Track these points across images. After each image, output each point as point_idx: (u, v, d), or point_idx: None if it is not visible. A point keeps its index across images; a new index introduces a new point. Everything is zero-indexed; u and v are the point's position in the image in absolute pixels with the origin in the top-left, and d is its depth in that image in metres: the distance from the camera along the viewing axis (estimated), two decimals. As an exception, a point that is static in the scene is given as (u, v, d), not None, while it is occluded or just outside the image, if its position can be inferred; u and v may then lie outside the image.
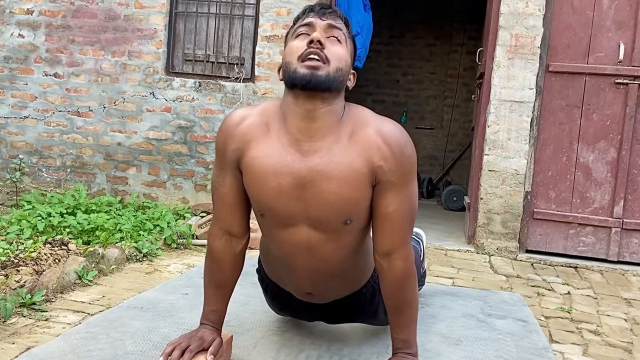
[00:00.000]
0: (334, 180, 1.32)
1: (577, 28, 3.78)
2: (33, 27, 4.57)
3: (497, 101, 3.86)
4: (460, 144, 7.40)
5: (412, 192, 1.38)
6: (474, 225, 3.99)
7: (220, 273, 1.49)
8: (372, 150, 1.33)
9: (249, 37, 4.43)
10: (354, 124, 1.36)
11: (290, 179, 1.34)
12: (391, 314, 1.43)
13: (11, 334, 1.90)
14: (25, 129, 4.62)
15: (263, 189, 1.36)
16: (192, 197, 4.44)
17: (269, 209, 1.39)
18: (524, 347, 1.82)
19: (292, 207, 1.36)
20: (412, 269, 1.41)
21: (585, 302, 2.87)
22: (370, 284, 1.62)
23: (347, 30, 1.39)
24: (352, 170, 1.32)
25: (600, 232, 3.80)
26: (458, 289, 2.64)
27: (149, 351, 1.57)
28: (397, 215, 1.36)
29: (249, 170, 1.38)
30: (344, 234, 1.41)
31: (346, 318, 1.74)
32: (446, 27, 7.39)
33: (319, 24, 1.35)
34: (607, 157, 3.78)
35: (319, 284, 1.52)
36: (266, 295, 1.80)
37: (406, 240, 1.39)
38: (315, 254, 1.43)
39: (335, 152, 1.33)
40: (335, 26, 1.36)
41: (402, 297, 1.41)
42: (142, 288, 2.50)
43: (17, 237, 3.14)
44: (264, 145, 1.36)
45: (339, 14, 1.40)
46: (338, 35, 1.36)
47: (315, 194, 1.34)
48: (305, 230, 1.39)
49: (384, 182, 1.34)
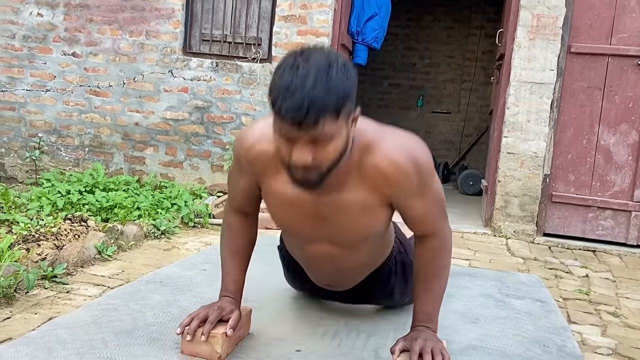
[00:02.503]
0: (347, 214, 1.36)
1: (600, 8, 3.71)
2: (52, 6, 4.58)
3: (517, 83, 3.80)
4: (477, 128, 7.33)
5: (435, 191, 1.39)
6: (491, 208, 3.96)
7: (236, 243, 1.53)
8: (380, 182, 1.32)
9: (266, 17, 4.41)
10: (361, 152, 1.31)
11: (306, 212, 1.39)
12: (418, 285, 1.44)
13: (33, 305, 1.93)
14: (44, 108, 4.66)
15: (281, 217, 1.44)
16: (209, 177, 4.46)
17: (288, 230, 1.50)
18: (542, 326, 1.82)
19: (311, 231, 1.43)
20: (446, 246, 1.43)
21: (604, 285, 2.85)
22: (387, 265, 1.66)
23: (335, 118, 1.14)
24: (364, 204, 1.35)
25: (620, 216, 3.76)
26: (475, 269, 2.63)
27: (168, 323, 1.59)
28: (425, 214, 1.39)
29: (267, 196, 1.43)
30: (364, 245, 1.48)
31: (363, 299, 1.78)
32: (465, 9, 7.29)
33: (299, 138, 1.15)
34: (629, 139, 3.73)
35: (339, 279, 1.61)
36: (287, 271, 1.83)
37: (439, 225, 1.42)
38: (336, 263, 1.51)
39: (345, 190, 1.34)
40: (318, 135, 1.15)
41: (432, 270, 1.42)
42: (160, 264, 2.53)
43: (37, 213, 3.18)
44: (280, 178, 1.36)
45: (319, 111, 1.12)
46: (324, 138, 1.16)
47: (332, 225, 1.40)
48: (326, 246, 1.47)
49: (401, 199, 1.36)
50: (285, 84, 1.12)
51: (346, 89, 1.15)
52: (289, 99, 1.11)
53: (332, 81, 1.12)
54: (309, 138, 1.15)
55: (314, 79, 1.11)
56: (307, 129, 1.13)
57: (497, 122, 4.04)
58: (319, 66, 1.13)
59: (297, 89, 1.11)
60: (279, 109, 1.13)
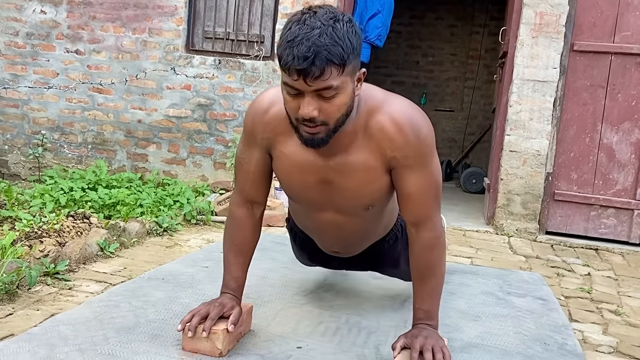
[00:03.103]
0: (351, 178, 1.40)
1: (603, 6, 3.70)
2: (55, 4, 4.59)
3: (519, 80, 3.80)
4: (480, 126, 7.32)
5: (433, 169, 1.40)
6: (493, 206, 3.96)
7: (241, 237, 1.53)
8: (385, 143, 1.35)
9: (269, 14, 4.40)
10: (367, 114, 1.35)
11: (314, 176, 1.42)
12: (416, 282, 1.44)
13: (36, 301, 1.93)
14: (47, 105, 4.67)
15: (291, 181, 1.47)
16: (211, 174, 4.46)
17: (297, 197, 1.52)
18: (543, 324, 1.82)
19: (317, 197, 1.47)
20: (439, 239, 1.43)
21: (606, 283, 2.85)
22: (393, 232, 1.73)
23: (340, 71, 1.18)
24: (367, 167, 1.38)
25: (623, 215, 3.75)
26: (477, 267, 2.63)
27: (170, 319, 1.60)
28: (419, 193, 1.39)
29: (278, 162, 1.45)
30: (368, 215, 1.52)
31: (371, 266, 1.83)
32: (468, 7, 7.28)
33: (307, 90, 1.19)
34: (632, 138, 3.72)
35: (345, 246, 1.65)
36: (294, 244, 1.87)
37: (432, 212, 1.41)
38: (342, 230, 1.55)
39: (351, 152, 1.37)
40: (324, 87, 1.18)
41: (427, 265, 1.42)
42: (162, 261, 2.53)
43: (40, 210, 3.18)
44: (291, 141, 1.39)
45: (325, 61, 1.15)
46: (330, 91, 1.19)
47: (337, 189, 1.43)
48: (331, 214, 1.51)
49: (400, 167, 1.38)
50: (292, 36, 1.17)
51: (352, 43, 1.19)
52: (296, 49, 1.15)
53: (338, 33, 1.17)
54: (316, 91, 1.19)
55: (320, 30, 1.16)
56: (313, 79, 1.16)
57: (499, 120, 4.04)
58: (325, 20, 1.17)
59: (304, 39, 1.15)
60: (286, 61, 1.17)
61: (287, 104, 1.25)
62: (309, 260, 1.89)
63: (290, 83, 1.19)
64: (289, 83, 1.20)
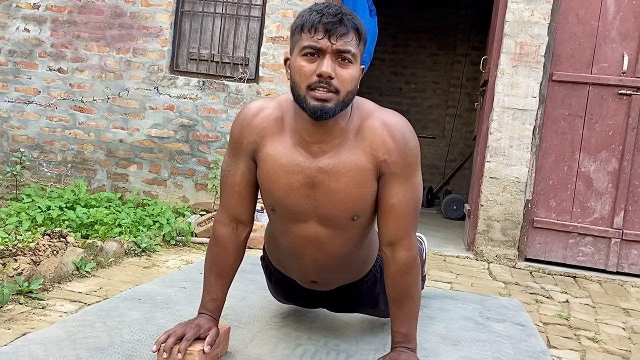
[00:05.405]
0: (342, 180, 1.37)
1: (581, 38, 3.79)
2: (39, 22, 4.58)
3: (500, 108, 3.86)
4: (461, 153, 7.40)
5: (416, 183, 1.41)
6: (473, 232, 3.98)
7: (223, 259, 1.50)
8: (377, 145, 1.37)
9: (254, 37, 4.44)
10: (360, 119, 1.39)
11: (301, 177, 1.39)
12: (392, 306, 1.43)
13: (7, 320, 1.89)
14: (27, 123, 4.62)
15: (275, 185, 1.42)
16: (192, 196, 4.44)
17: (280, 204, 1.45)
18: (522, 350, 1.82)
19: (302, 204, 1.42)
20: (415, 260, 1.42)
21: (584, 311, 2.86)
22: (372, 273, 1.67)
23: (357, 42, 1.30)
24: (359, 168, 1.37)
25: (600, 243, 3.79)
26: (457, 292, 2.63)
27: (145, 340, 1.57)
28: (401, 207, 1.39)
29: (263, 165, 1.42)
30: (351, 229, 1.46)
31: (348, 307, 1.78)
32: (450, 37, 7.41)
33: (329, 50, 1.27)
34: (609, 167, 3.78)
35: (324, 273, 1.57)
36: (270, 283, 1.82)
37: (410, 231, 1.41)
38: (322, 247, 1.49)
39: (343, 152, 1.37)
40: (346, 49, 1.28)
41: (404, 287, 1.42)
42: (139, 281, 2.49)
43: (15, 228, 3.13)
44: (278, 142, 1.40)
45: (350, 25, 1.28)
46: (348, 55, 1.29)
47: (324, 193, 1.39)
48: (314, 227, 1.45)
49: (388, 174, 1.38)
50: (316, 9, 1.30)
51: (364, 29, 1.32)
52: (325, 10, 1.28)
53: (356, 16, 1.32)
54: (337, 53, 1.27)
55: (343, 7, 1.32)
56: (339, 36, 1.26)
57: (480, 147, 4.08)
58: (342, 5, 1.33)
59: (331, 7, 1.30)
60: (312, 20, 1.27)
61: (302, 69, 1.29)
62: (284, 299, 1.84)
63: (312, 44, 1.27)
64: (310, 44, 1.27)
